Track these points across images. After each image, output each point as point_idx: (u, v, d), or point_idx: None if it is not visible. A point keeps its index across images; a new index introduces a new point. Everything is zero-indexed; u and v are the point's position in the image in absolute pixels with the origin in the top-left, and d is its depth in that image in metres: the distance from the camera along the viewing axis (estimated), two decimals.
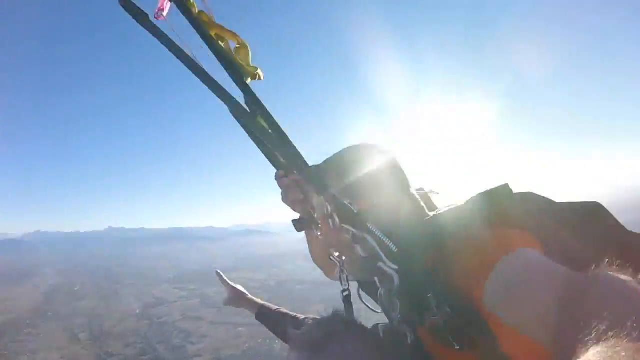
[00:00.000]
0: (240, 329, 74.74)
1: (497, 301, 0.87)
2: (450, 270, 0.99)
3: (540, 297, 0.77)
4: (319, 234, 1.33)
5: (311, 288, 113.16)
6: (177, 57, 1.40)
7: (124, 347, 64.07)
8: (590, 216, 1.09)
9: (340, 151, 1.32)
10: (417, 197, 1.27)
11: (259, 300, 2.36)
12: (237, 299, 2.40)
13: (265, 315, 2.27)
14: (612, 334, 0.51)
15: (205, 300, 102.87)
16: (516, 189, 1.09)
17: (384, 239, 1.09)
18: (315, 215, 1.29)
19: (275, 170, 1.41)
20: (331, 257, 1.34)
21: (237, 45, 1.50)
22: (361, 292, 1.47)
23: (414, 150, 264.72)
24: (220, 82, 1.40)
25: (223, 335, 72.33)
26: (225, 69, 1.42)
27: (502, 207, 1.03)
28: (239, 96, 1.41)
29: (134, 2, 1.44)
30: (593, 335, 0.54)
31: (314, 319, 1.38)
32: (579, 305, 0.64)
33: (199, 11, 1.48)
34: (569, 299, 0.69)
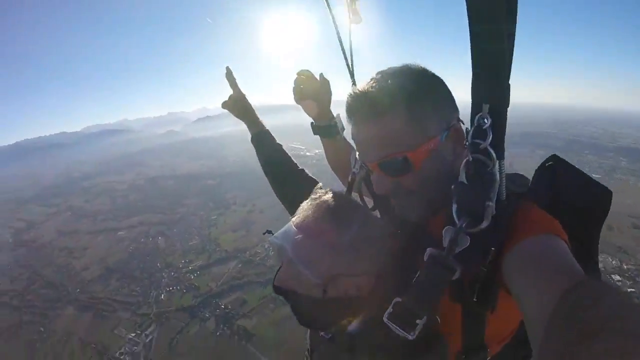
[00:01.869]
0: (120, 233, 77.56)
1: (515, 268, 0.93)
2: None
3: (551, 282, 0.80)
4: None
5: (181, 182, 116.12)
6: None
7: (10, 282, 63.40)
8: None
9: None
10: None
11: (261, 121, 2.11)
12: (240, 103, 2.09)
13: (265, 141, 2.05)
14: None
15: (76, 212, 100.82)
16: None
17: (503, 181, 1.04)
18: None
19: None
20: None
21: None
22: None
23: None
24: None
25: (104, 243, 74.18)
26: None
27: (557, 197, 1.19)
28: None
29: None
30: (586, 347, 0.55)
31: (325, 189, 1.36)
32: (584, 312, 0.64)
33: None
34: (574, 302, 0.70)
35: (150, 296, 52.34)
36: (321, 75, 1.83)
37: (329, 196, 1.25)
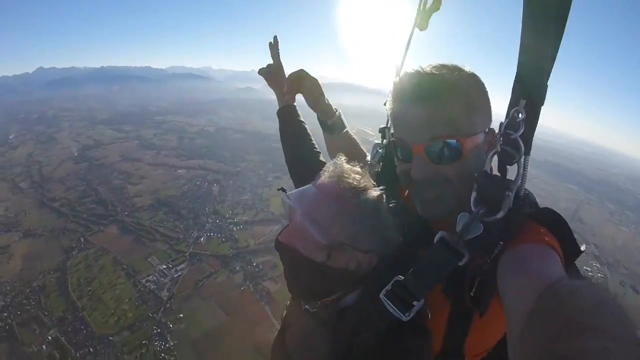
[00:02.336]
0: (179, 171, 76.91)
1: (505, 269, 0.96)
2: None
3: (533, 283, 0.81)
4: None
5: (248, 138, 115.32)
6: None
7: (65, 190, 65.26)
8: None
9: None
10: None
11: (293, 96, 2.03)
12: (276, 74, 2.08)
13: (289, 116, 2.01)
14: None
15: (143, 142, 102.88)
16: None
17: (525, 176, 1.06)
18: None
19: None
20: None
21: None
22: None
23: None
24: None
25: (162, 176, 74.04)
26: None
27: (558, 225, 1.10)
28: None
29: None
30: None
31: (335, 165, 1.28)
32: (562, 309, 0.65)
33: None
34: (551, 299, 0.71)
35: (191, 236, 52.77)
36: (304, 71, 1.88)
37: (354, 169, 1.25)
